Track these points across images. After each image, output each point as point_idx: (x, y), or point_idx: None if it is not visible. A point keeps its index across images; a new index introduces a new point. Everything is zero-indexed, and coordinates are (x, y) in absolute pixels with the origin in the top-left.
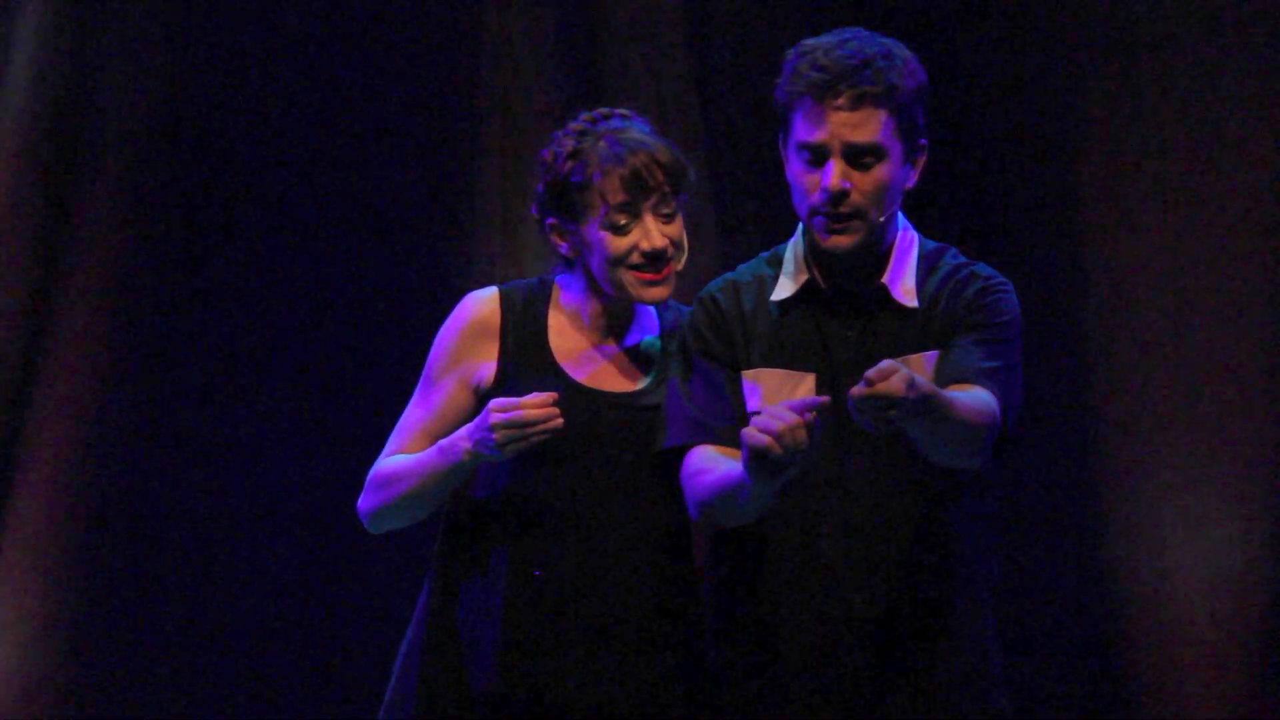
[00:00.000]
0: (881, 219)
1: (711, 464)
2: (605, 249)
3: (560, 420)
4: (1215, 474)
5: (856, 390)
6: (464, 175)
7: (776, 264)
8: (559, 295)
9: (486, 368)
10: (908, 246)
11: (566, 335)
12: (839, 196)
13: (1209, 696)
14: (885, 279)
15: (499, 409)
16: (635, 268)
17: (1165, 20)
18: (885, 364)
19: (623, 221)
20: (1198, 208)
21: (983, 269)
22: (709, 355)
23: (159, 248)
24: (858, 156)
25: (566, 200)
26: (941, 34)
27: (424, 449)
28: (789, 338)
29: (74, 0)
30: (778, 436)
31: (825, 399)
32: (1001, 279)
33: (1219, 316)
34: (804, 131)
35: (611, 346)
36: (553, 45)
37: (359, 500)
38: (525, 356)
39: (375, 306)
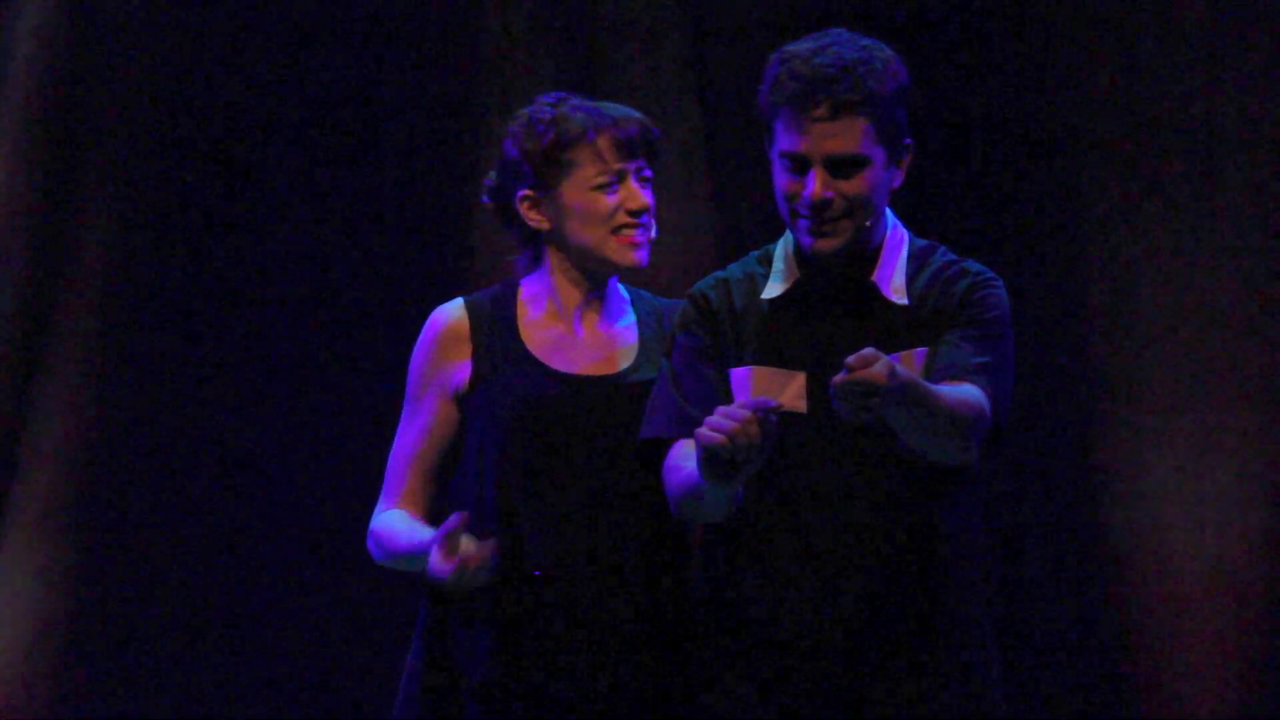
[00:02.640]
0: (867, 222)
1: (685, 460)
2: (592, 208)
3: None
4: (1215, 472)
5: (838, 377)
6: (464, 175)
7: (767, 262)
8: (523, 294)
9: (462, 371)
10: (897, 244)
11: (539, 328)
12: (821, 205)
13: (1209, 695)
14: (875, 277)
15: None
16: (618, 230)
17: (1166, 19)
18: (867, 351)
19: (609, 180)
20: (1198, 206)
21: (972, 265)
22: (697, 350)
23: (159, 248)
24: (839, 165)
25: (547, 167)
26: (941, 33)
27: (422, 471)
28: (780, 336)
29: (75, 2)
30: (730, 436)
31: (778, 402)
32: (991, 274)
33: (1220, 314)
34: (785, 141)
35: (586, 332)
36: (553, 45)
37: (367, 540)
38: (499, 354)
39: (374, 305)
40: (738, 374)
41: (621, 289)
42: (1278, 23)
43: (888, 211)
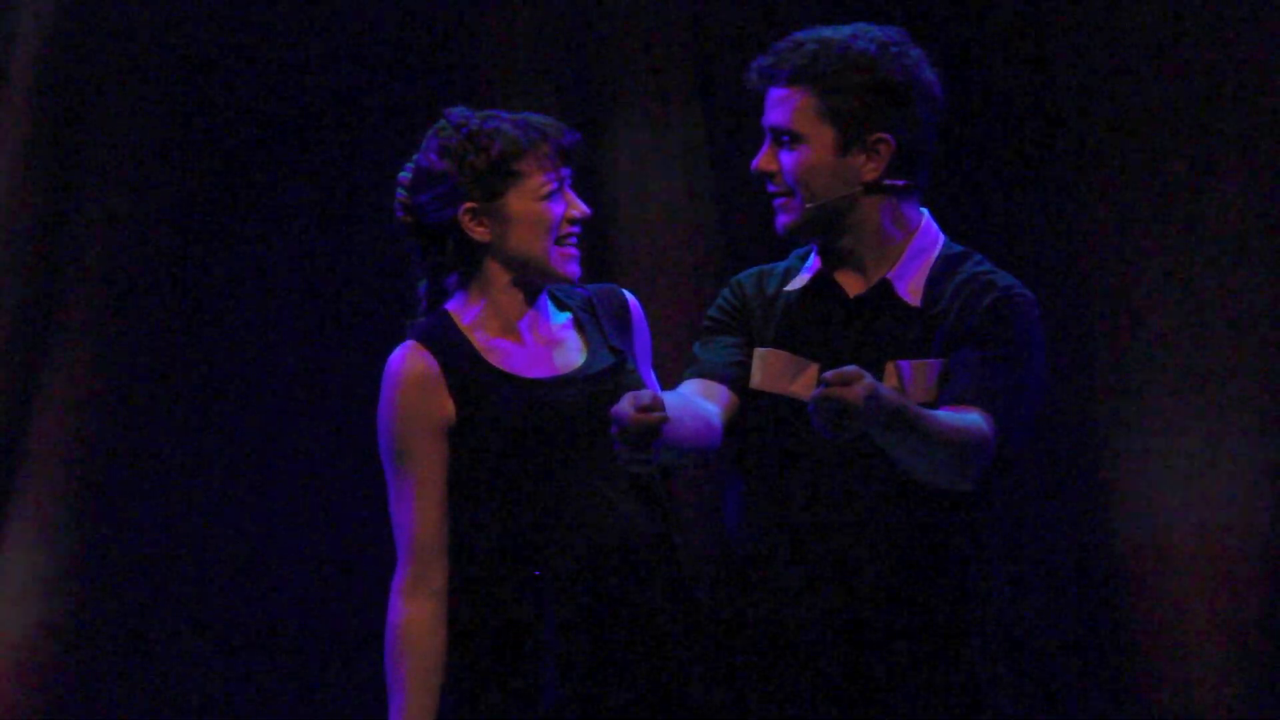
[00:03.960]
0: (810, 204)
1: (680, 402)
2: (540, 217)
3: None
4: (1217, 472)
5: (814, 392)
6: None
7: (804, 259)
8: (462, 320)
9: (445, 409)
10: (925, 246)
11: (494, 345)
12: (759, 177)
13: (1209, 693)
14: (890, 274)
15: None
16: (561, 240)
17: (1167, 20)
18: (848, 369)
19: (555, 188)
20: (1199, 207)
21: (1003, 278)
22: (720, 323)
23: (160, 248)
24: (778, 138)
25: (494, 178)
26: (944, 34)
27: (438, 520)
28: (798, 327)
29: (75, 2)
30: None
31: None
32: (1021, 291)
33: (1221, 315)
34: None
35: (535, 338)
36: (553, 45)
37: (387, 623)
38: (475, 381)
39: (373, 305)
40: (758, 352)
41: (546, 291)
42: (1278, 23)
43: (923, 212)
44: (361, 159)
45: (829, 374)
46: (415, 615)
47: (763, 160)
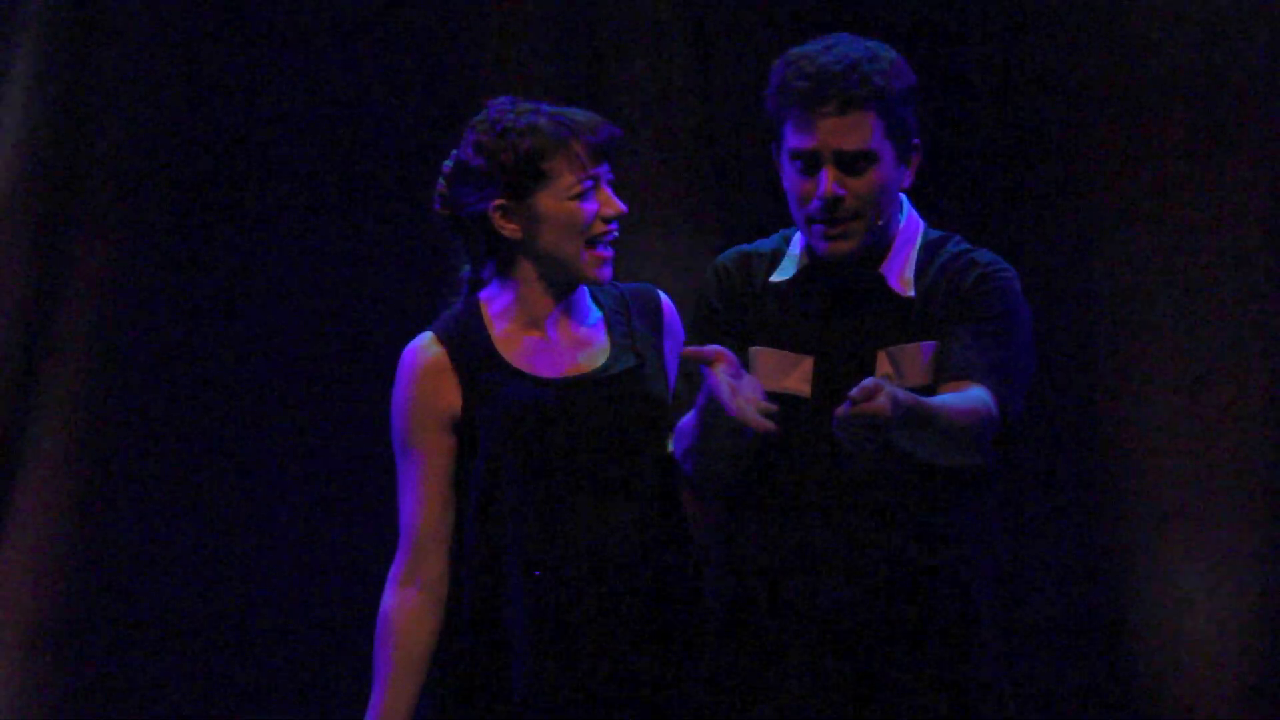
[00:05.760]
0: (879, 222)
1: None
2: (570, 218)
3: None
4: (1217, 472)
5: (841, 410)
6: None
7: (789, 239)
8: (490, 310)
9: (453, 402)
10: (911, 236)
11: (514, 340)
12: (833, 203)
13: (1209, 696)
14: (882, 268)
15: None
16: (593, 241)
17: (1168, 17)
18: (869, 382)
19: (588, 188)
20: (1199, 207)
21: (983, 256)
22: (711, 321)
23: (159, 248)
24: (850, 162)
25: (523, 176)
26: (944, 32)
27: (440, 511)
28: (789, 320)
29: (75, 2)
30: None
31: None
32: (1002, 265)
33: (1221, 314)
34: (795, 140)
35: (561, 336)
36: (553, 46)
37: (380, 609)
38: (485, 375)
39: (374, 306)
40: (751, 351)
41: (584, 287)
42: (1278, 19)
43: (905, 202)
44: (362, 160)
45: (854, 391)
46: (403, 604)
47: (834, 185)
